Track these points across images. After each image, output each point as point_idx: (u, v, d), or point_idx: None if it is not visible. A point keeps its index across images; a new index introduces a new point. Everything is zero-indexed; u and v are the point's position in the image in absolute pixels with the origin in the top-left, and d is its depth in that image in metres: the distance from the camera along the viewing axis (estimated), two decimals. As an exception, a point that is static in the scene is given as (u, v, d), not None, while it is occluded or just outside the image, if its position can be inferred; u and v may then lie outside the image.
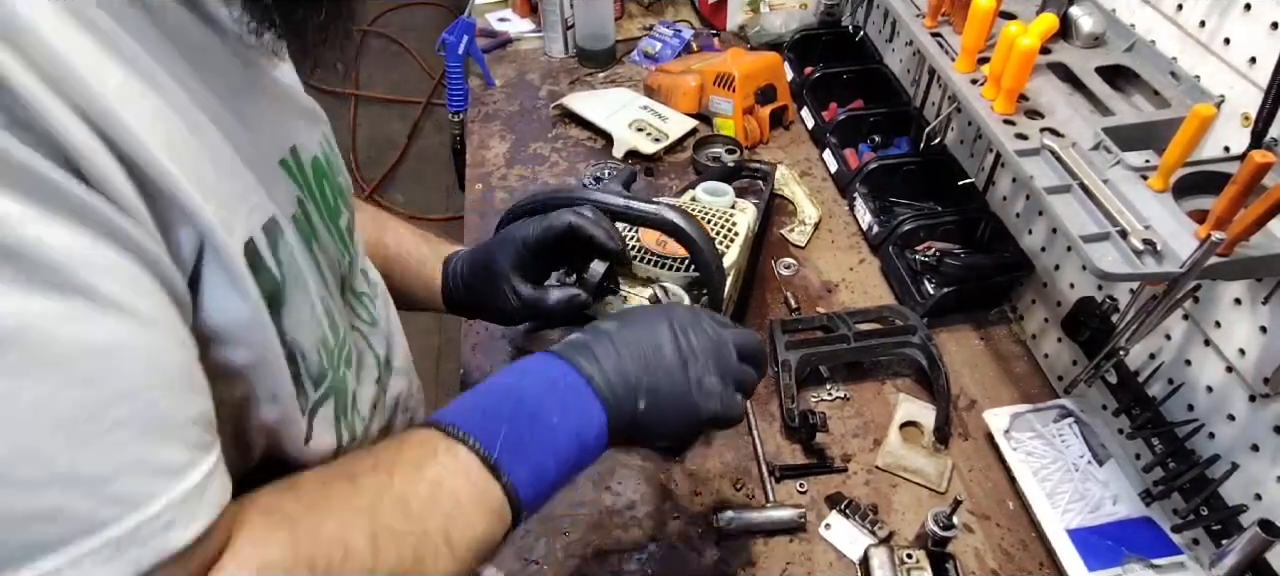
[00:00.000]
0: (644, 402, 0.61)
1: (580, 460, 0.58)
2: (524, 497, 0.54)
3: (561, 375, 0.59)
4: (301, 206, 0.54)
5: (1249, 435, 0.79)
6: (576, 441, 0.57)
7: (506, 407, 0.56)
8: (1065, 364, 1.07)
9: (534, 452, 0.55)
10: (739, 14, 1.78)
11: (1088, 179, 0.77)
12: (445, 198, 3.04)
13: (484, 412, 0.56)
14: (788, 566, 0.87)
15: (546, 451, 0.56)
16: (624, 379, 0.60)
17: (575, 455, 0.57)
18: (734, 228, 1.01)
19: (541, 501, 0.57)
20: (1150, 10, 0.91)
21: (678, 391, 0.62)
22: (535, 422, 0.56)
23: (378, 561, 0.47)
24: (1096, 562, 0.85)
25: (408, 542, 0.48)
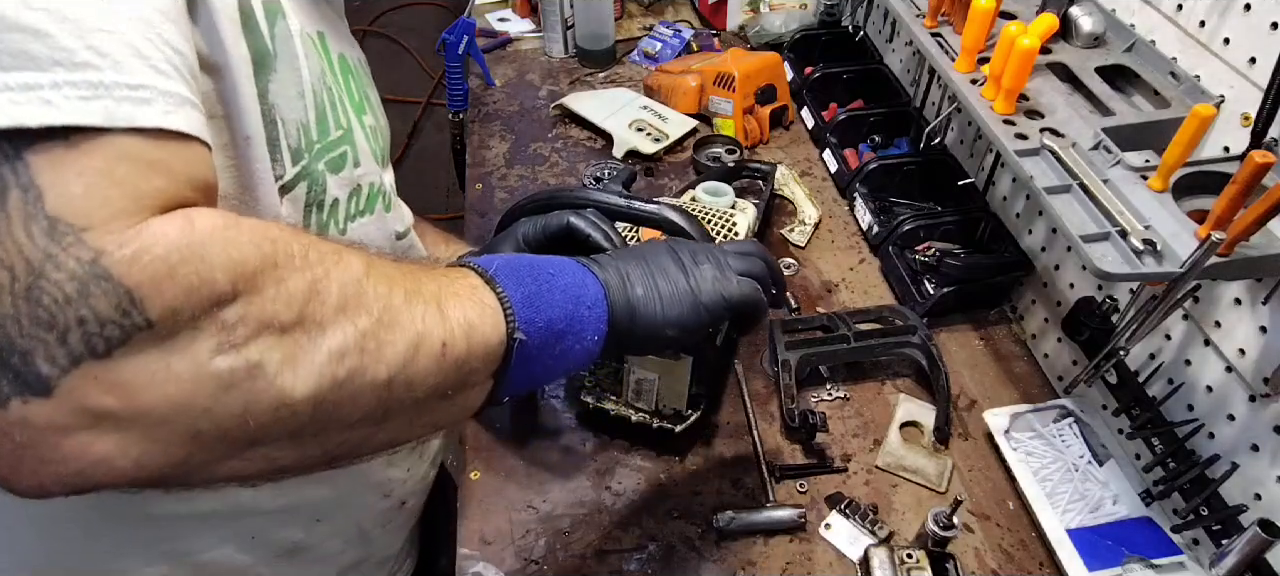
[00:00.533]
0: (640, 289, 0.61)
1: (574, 320, 0.57)
2: (520, 317, 0.53)
3: (561, 260, 0.61)
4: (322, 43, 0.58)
5: (1249, 435, 0.79)
6: (572, 296, 0.57)
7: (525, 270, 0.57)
8: (1065, 364, 1.07)
9: (529, 285, 0.55)
10: (739, 14, 1.78)
11: (1088, 179, 0.77)
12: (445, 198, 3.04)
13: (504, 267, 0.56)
14: (788, 566, 0.87)
15: (543, 288, 0.56)
16: (619, 270, 0.62)
17: (571, 309, 0.57)
18: (734, 228, 1.01)
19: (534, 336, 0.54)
20: (1150, 10, 0.91)
21: (674, 279, 0.63)
22: (533, 266, 0.57)
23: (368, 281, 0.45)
24: (1096, 562, 0.85)
25: (400, 286, 0.47)
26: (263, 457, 0.43)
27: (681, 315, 0.62)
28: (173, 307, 0.37)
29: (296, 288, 0.41)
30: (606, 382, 0.95)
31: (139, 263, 0.36)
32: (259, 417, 0.40)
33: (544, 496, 0.92)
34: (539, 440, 0.98)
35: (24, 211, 0.35)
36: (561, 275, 0.58)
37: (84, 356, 0.35)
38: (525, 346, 0.53)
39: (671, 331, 0.62)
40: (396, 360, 0.45)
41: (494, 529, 0.89)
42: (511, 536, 0.89)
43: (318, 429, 0.43)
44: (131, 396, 0.36)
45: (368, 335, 0.44)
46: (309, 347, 0.41)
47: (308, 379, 0.41)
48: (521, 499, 0.92)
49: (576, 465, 0.96)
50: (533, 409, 1.02)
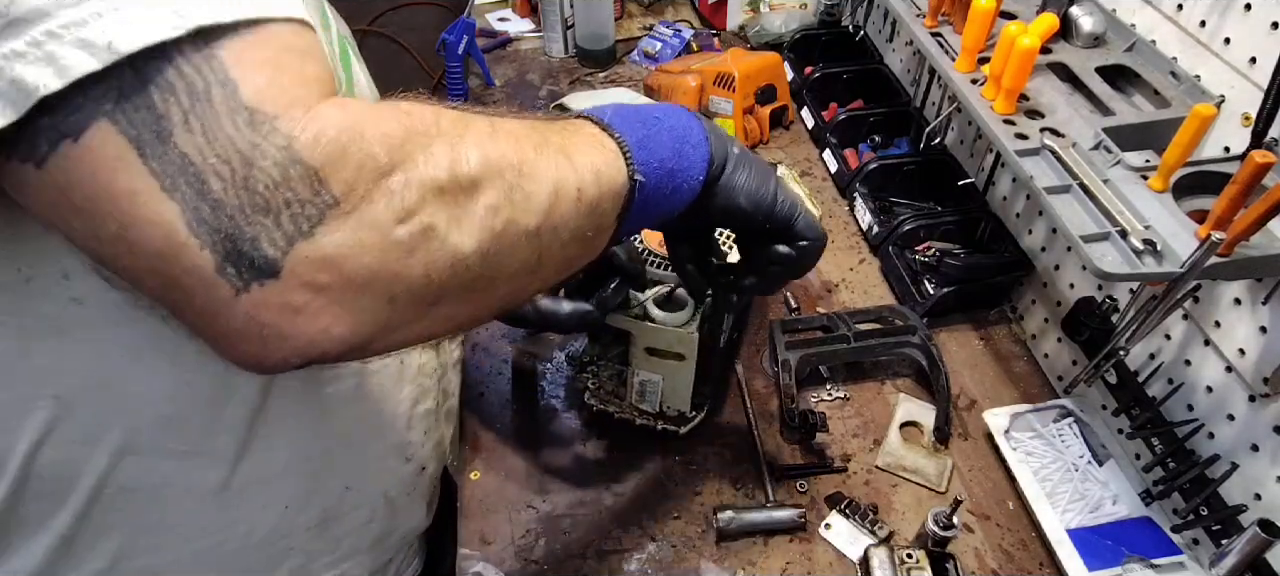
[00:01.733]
0: (737, 148, 0.66)
1: (682, 163, 0.60)
2: (637, 159, 0.56)
3: (666, 106, 0.63)
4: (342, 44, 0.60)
5: (1249, 435, 0.79)
6: (680, 140, 0.60)
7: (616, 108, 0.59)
8: (1065, 364, 1.07)
9: (640, 130, 0.57)
10: (739, 14, 1.78)
11: (1088, 179, 0.77)
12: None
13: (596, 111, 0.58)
14: (788, 566, 0.87)
15: (653, 135, 0.58)
16: (721, 139, 0.65)
17: (678, 151, 0.60)
18: None
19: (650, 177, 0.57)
20: (1150, 10, 0.91)
21: (762, 175, 0.66)
22: (643, 115, 0.59)
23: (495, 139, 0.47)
24: (1096, 562, 0.85)
25: (527, 141, 0.49)
26: (445, 317, 0.46)
27: (761, 193, 0.66)
28: (350, 183, 0.39)
29: (441, 153, 0.43)
30: (609, 385, 0.95)
31: (320, 145, 0.38)
32: (439, 275, 0.43)
33: (544, 496, 0.92)
34: (539, 440, 0.98)
35: (228, 105, 0.37)
36: (668, 118, 0.61)
37: (296, 236, 0.38)
38: (644, 187, 0.56)
39: (746, 202, 0.66)
40: (541, 208, 0.48)
41: (494, 529, 0.89)
42: (511, 536, 0.89)
43: (486, 282, 0.46)
44: (338, 268, 0.39)
45: (514, 188, 0.46)
46: (468, 205, 0.44)
47: (471, 233, 0.44)
48: (521, 499, 0.92)
49: (576, 465, 0.96)
50: (533, 409, 1.02)
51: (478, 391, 1.04)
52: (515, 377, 1.06)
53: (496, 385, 1.05)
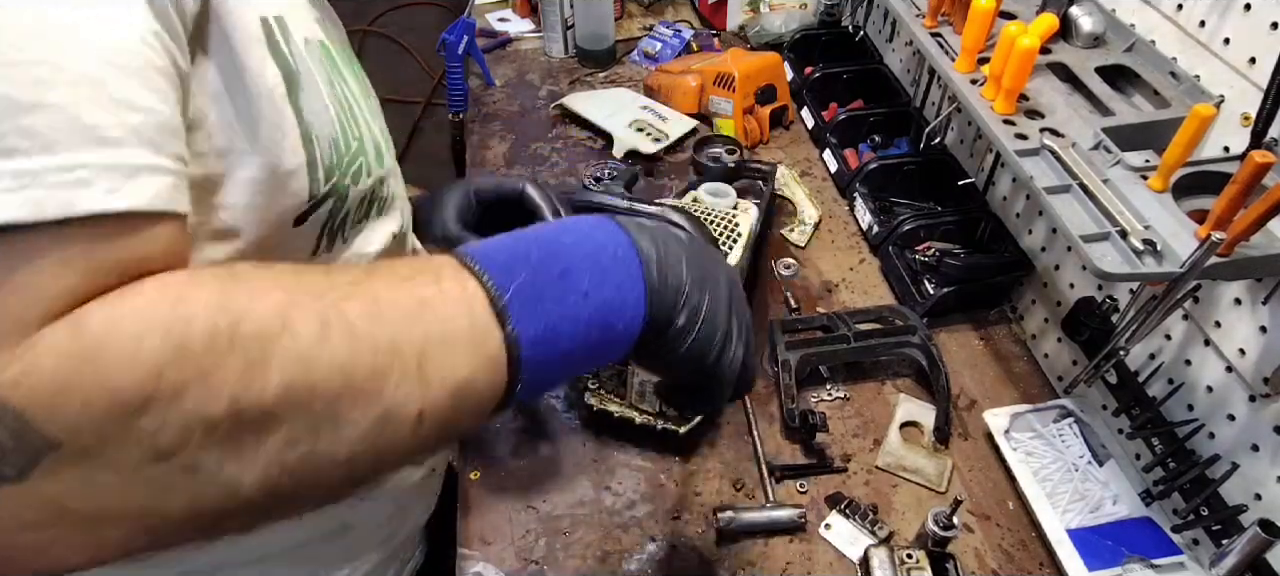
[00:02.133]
0: (683, 319, 0.52)
1: (601, 346, 0.49)
2: (526, 359, 0.45)
3: (612, 242, 0.50)
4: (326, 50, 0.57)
5: (1249, 435, 0.79)
6: (603, 321, 0.48)
7: (536, 254, 0.47)
8: (1065, 364, 1.07)
9: (552, 311, 0.46)
10: (739, 14, 1.78)
11: (1087, 179, 0.77)
12: (445, 198, 3.04)
13: (510, 252, 0.47)
14: (788, 566, 0.87)
15: (567, 318, 0.46)
16: (676, 283, 0.51)
17: (597, 337, 0.48)
18: (737, 229, 1.01)
19: (542, 378, 0.47)
20: (1150, 10, 0.91)
21: (713, 327, 0.54)
22: (564, 281, 0.47)
23: (321, 351, 0.39)
24: (1096, 562, 0.85)
25: (366, 347, 0.40)
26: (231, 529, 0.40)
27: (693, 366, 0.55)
28: (73, 426, 0.33)
29: (225, 381, 0.36)
30: (610, 384, 0.95)
31: (25, 383, 0.32)
32: (209, 507, 0.38)
33: (544, 496, 0.93)
34: (539, 440, 0.98)
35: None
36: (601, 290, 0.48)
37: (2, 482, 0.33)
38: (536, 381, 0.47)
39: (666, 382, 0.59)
40: (360, 438, 0.40)
41: (494, 529, 0.89)
42: (511, 536, 0.89)
43: (278, 505, 0.40)
44: (62, 509, 0.34)
45: (323, 421, 0.39)
46: (251, 441, 0.37)
47: (254, 469, 0.38)
48: (521, 499, 0.92)
49: (576, 465, 0.96)
50: (533, 409, 1.02)
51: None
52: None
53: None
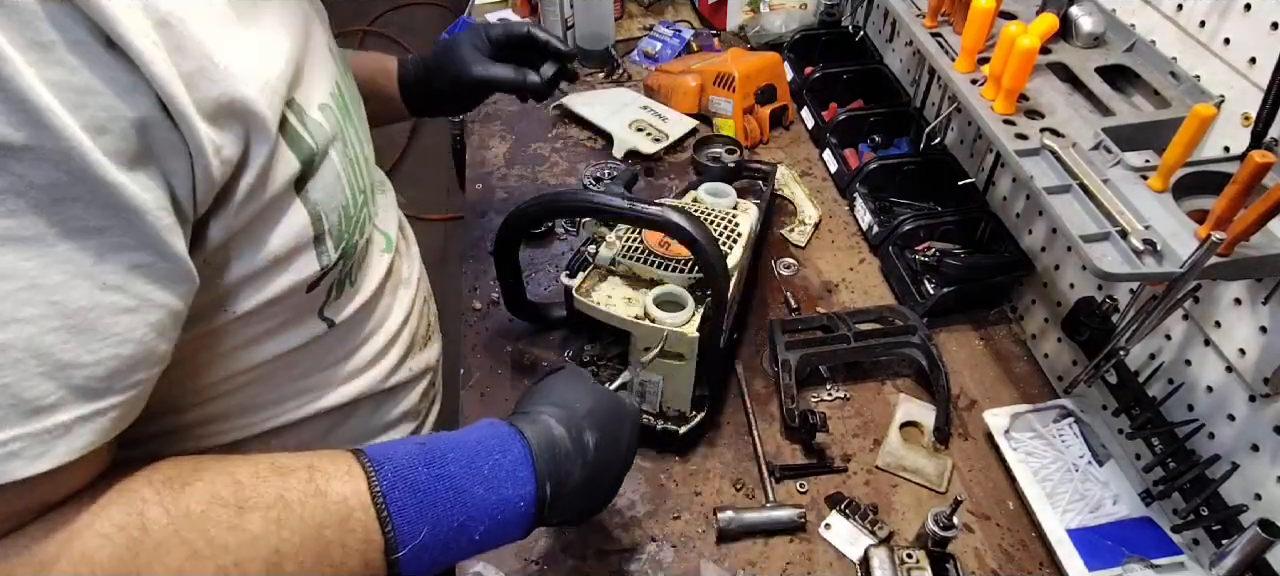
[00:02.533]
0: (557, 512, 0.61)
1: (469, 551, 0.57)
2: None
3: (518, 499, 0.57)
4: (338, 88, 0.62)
5: (1249, 435, 0.79)
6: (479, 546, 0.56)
7: (442, 507, 0.53)
8: (1065, 364, 1.07)
9: (439, 559, 0.54)
10: (739, 14, 1.78)
11: (1088, 179, 0.77)
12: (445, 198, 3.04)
13: (421, 500, 0.52)
14: (788, 566, 0.87)
15: (451, 557, 0.55)
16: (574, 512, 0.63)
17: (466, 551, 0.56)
18: (737, 229, 1.01)
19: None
20: (1150, 10, 0.91)
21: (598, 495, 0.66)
22: (460, 533, 0.54)
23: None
24: (1096, 562, 0.85)
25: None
26: None
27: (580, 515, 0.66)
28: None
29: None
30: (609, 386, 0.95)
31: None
32: None
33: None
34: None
35: None
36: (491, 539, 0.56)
37: None
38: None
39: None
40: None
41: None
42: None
43: None
44: None
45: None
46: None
47: None
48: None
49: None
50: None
51: (479, 392, 1.04)
52: (515, 377, 1.06)
53: (497, 385, 1.05)
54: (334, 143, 0.58)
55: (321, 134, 0.56)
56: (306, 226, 0.55)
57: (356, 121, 0.67)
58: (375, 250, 0.70)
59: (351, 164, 0.61)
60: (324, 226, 0.57)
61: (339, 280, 0.63)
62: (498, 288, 1.06)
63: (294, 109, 0.54)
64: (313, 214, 0.56)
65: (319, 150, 0.56)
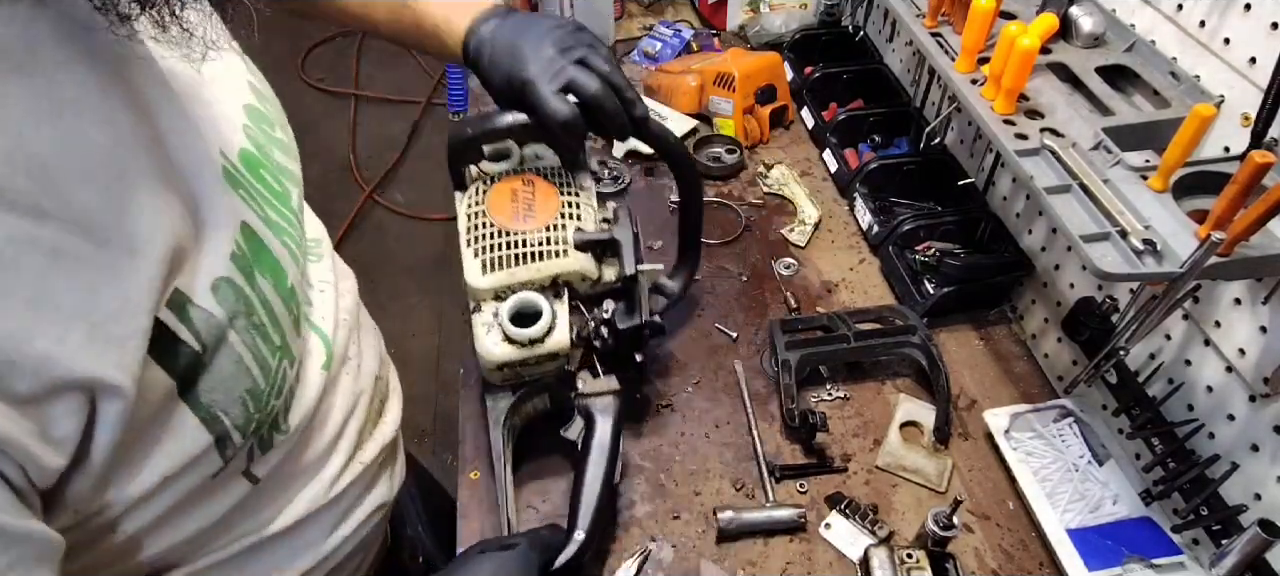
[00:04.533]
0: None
1: None
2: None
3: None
4: (246, 230, 0.54)
5: (1249, 435, 0.79)
6: None
7: None
8: (1065, 364, 1.07)
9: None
10: (739, 14, 1.78)
11: (1088, 179, 0.77)
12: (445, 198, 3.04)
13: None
14: (788, 566, 0.87)
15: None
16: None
17: None
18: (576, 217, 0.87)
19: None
20: (1150, 10, 0.91)
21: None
22: None
23: None
24: (1096, 562, 0.85)
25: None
26: None
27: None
28: None
29: None
30: None
31: None
32: None
33: (544, 496, 0.92)
34: (538, 440, 0.98)
35: None
36: None
37: None
38: None
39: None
40: None
41: (494, 529, 0.89)
42: (511, 536, 0.89)
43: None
44: None
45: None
46: None
47: None
48: (521, 499, 0.92)
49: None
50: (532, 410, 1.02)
51: (477, 391, 1.04)
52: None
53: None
54: (233, 321, 0.50)
55: (211, 326, 0.49)
56: (199, 433, 0.49)
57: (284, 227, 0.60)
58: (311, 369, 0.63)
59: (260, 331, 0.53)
60: (224, 425, 0.51)
61: (260, 441, 0.57)
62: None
63: (175, 305, 0.46)
64: (206, 417, 0.49)
65: (208, 346, 0.48)
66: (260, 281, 0.54)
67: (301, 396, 0.61)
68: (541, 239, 0.83)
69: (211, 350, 0.49)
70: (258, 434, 0.55)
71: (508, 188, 0.86)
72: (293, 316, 0.58)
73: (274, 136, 0.66)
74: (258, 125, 0.64)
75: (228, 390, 0.50)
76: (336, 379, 0.68)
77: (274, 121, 0.67)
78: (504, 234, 0.83)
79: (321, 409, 0.65)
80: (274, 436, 0.58)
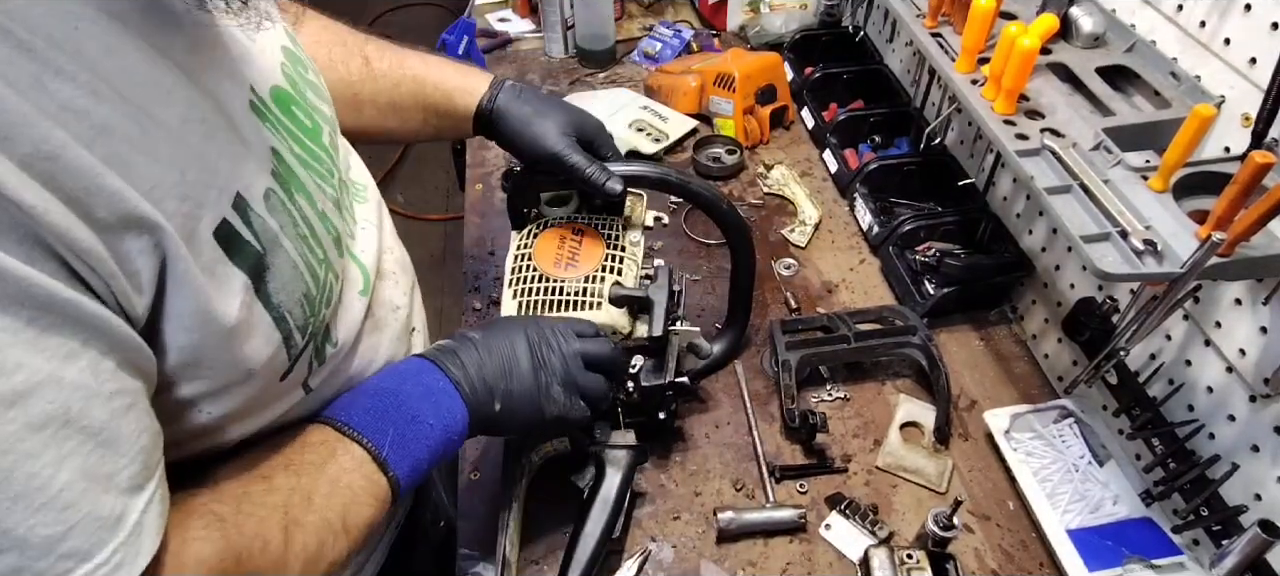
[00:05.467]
0: (500, 404, 0.72)
1: (447, 451, 0.69)
2: (403, 486, 0.65)
3: (435, 382, 0.69)
4: (277, 155, 0.58)
5: (1249, 435, 0.79)
6: (444, 437, 0.68)
7: (392, 410, 0.66)
8: (1065, 364, 1.07)
9: (413, 448, 0.65)
10: (739, 14, 1.78)
11: (1088, 179, 0.77)
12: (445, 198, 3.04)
13: (374, 414, 0.65)
14: (788, 566, 0.87)
15: (423, 447, 0.66)
16: (486, 384, 0.71)
17: (443, 448, 0.68)
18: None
19: (415, 485, 0.67)
20: (1150, 10, 0.91)
21: (528, 397, 0.73)
22: (415, 423, 0.66)
23: (289, 551, 0.55)
24: (1097, 563, 0.85)
25: (313, 531, 0.58)
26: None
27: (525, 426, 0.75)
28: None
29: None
30: None
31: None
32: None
33: (544, 496, 0.92)
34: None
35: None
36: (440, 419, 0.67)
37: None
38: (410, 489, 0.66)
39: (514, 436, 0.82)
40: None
41: (494, 529, 0.89)
42: (511, 536, 0.88)
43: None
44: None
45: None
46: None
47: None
48: (521, 499, 0.92)
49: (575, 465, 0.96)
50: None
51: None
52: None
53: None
54: (283, 229, 0.56)
55: (267, 231, 0.54)
56: (272, 331, 0.56)
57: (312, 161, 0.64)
58: (351, 294, 0.68)
59: (308, 243, 0.59)
60: (289, 326, 0.57)
61: (314, 354, 0.62)
62: (498, 287, 1.06)
63: (239, 208, 0.52)
64: (277, 317, 0.56)
65: (267, 249, 0.54)
66: (298, 198, 0.59)
67: (344, 316, 0.67)
68: (578, 289, 0.85)
69: (270, 252, 0.54)
70: (313, 341, 0.61)
71: (557, 234, 0.89)
72: (332, 236, 0.64)
73: (308, 78, 0.69)
74: (294, 67, 0.67)
75: (289, 292, 0.57)
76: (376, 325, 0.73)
77: (308, 66, 0.71)
78: (543, 279, 0.86)
79: (364, 337, 0.71)
80: (326, 348, 0.64)
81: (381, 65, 0.89)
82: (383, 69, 0.88)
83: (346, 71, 0.87)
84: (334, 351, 0.65)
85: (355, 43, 0.89)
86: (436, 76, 0.90)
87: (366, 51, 0.89)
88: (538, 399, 0.73)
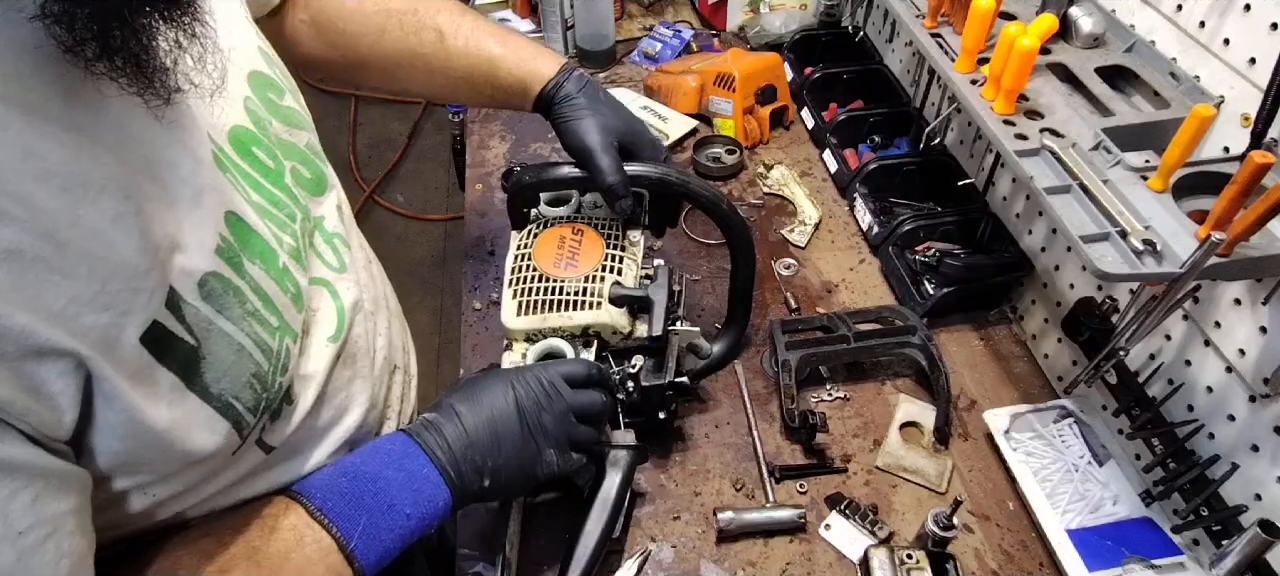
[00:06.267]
0: (489, 481, 0.69)
1: (423, 534, 0.67)
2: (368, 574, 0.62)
3: (418, 467, 0.66)
4: (229, 217, 0.54)
5: (1249, 435, 0.79)
6: (421, 525, 0.66)
7: (368, 498, 0.63)
8: (1065, 364, 1.07)
9: (384, 538, 0.63)
10: (739, 14, 1.78)
11: (1087, 179, 0.77)
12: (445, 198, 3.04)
13: (349, 499, 0.63)
14: (788, 566, 0.87)
15: (395, 537, 0.64)
16: (473, 464, 0.69)
17: (418, 534, 0.66)
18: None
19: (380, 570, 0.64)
20: (1150, 11, 0.91)
21: (520, 465, 0.71)
22: (390, 513, 0.64)
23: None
24: (1096, 563, 0.85)
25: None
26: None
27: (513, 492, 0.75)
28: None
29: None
30: None
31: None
32: None
33: (543, 496, 0.92)
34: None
35: None
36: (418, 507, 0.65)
37: None
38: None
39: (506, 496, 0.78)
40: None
41: (494, 529, 0.89)
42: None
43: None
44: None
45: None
46: None
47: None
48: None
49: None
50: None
51: (478, 392, 1.04)
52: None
53: (496, 385, 1.05)
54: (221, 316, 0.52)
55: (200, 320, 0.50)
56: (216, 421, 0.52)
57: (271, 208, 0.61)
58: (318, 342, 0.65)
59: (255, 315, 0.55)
60: (238, 410, 0.53)
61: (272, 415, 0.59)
62: (498, 288, 1.06)
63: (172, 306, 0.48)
64: (221, 406, 0.52)
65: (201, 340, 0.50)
66: (250, 269, 0.55)
67: (307, 370, 0.64)
68: (578, 289, 0.84)
69: (205, 342, 0.51)
70: (268, 411, 0.58)
71: (556, 234, 0.89)
72: (290, 293, 0.60)
73: (279, 106, 0.66)
74: (261, 94, 0.64)
75: (233, 377, 0.53)
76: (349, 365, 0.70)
77: (284, 89, 0.68)
78: (543, 279, 0.85)
79: (335, 386, 0.67)
80: (283, 407, 0.61)
81: (457, 43, 0.88)
82: (458, 47, 0.89)
83: (418, 42, 0.88)
84: (292, 409, 0.62)
85: (428, 11, 0.89)
86: (512, 61, 0.89)
87: (440, 23, 0.88)
88: (531, 466, 0.72)
